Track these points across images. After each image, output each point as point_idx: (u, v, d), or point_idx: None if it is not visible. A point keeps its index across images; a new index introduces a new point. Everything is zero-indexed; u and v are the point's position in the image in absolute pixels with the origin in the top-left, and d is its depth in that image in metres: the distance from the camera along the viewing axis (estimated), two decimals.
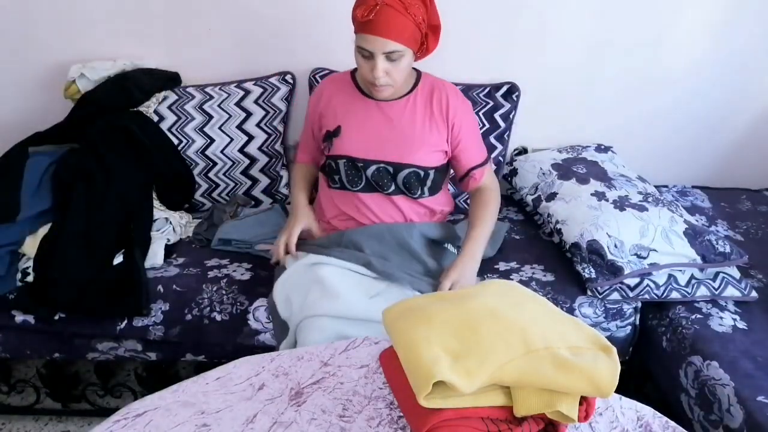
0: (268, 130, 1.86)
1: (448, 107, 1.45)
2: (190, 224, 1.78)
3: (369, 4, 1.23)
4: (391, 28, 1.25)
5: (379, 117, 1.45)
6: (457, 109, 1.46)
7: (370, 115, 1.45)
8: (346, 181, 1.49)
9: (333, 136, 1.48)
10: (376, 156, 1.44)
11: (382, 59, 1.29)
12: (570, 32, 1.91)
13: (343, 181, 1.49)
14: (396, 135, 1.43)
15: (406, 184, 1.46)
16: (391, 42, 1.26)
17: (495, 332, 0.79)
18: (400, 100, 1.44)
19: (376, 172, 1.45)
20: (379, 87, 1.35)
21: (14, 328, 1.51)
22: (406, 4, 1.24)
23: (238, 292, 1.51)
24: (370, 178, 1.46)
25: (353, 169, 1.47)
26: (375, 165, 1.45)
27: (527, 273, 1.60)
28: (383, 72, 1.30)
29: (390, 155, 1.43)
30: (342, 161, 1.47)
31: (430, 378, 0.73)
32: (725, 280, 1.52)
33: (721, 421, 1.26)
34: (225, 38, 1.90)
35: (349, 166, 1.47)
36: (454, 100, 1.46)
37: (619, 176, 1.80)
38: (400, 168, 1.44)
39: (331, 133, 1.48)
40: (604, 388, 0.76)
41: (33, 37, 1.88)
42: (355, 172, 1.47)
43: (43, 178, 1.61)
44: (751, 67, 1.99)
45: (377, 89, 1.36)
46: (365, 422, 0.82)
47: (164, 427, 0.81)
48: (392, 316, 0.88)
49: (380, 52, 1.28)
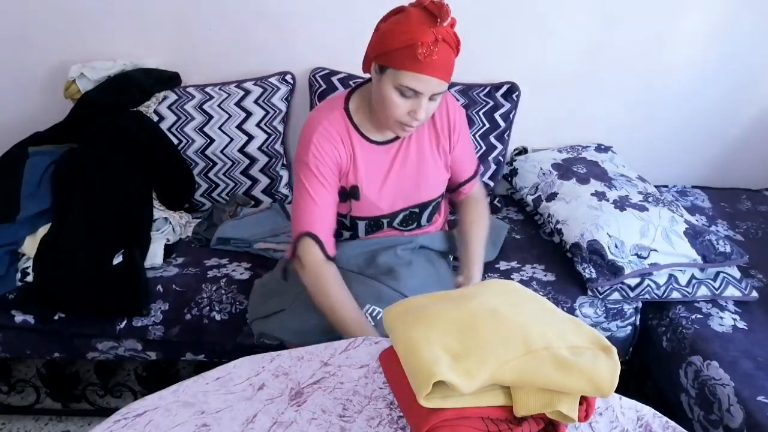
0: (268, 130, 1.86)
1: (455, 121, 1.31)
2: (189, 224, 1.78)
3: (427, 41, 1.04)
4: (447, 68, 1.10)
5: (387, 160, 1.28)
6: (456, 123, 1.32)
7: (380, 161, 1.27)
8: (361, 235, 1.36)
9: (350, 197, 1.28)
10: (402, 205, 1.32)
11: (427, 99, 1.11)
12: (570, 32, 1.91)
13: (357, 236, 1.36)
14: (412, 175, 1.29)
15: (429, 218, 1.37)
16: (444, 83, 1.10)
17: (495, 332, 0.79)
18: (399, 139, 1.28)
19: (403, 219, 1.35)
20: (411, 127, 1.17)
21: (14, 328, 1.51)
22: (457, 40, 1.11)
23: (237, 292, 1.51)
24: (397, 225, 1.35)
25: (374, 226, 1.34)
26: (402, 213, 1.33)
27: (528, 273, 1.60)
28: (426, 113, 1.13)
29: (414, 198, 1.31)
30: (363, 222, 1.33)
31: (430, 378, 0.73)
32: (725, 280, 1.52)
33: (721, 421, 1.26)
34: (225, 38, 1.90)
35: (371, 224, 1.34)
36: (456, 115, 1.32)
37: (619, 176, 1.80)
38: (426, 206, 1.34)
39: (348, 194, 1.28)
40: (604, 388, 0.76)
41: (33, 37, 1.88)
42: (377, 227, 1.35)
43: (43, 178, 1.61)
44: (751, 67, 1.99)
45: (407, 129, 1.17)
46: (365, 422, 0.82)
47: (164, 427, 0.81)
48: (393, 316, 0.88)
49: (430, 93, 1.10)
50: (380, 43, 1.10)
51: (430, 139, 1.30)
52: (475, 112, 1.89)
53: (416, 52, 1.04)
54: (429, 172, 1.30)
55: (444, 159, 1.33)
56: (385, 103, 1.13)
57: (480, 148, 1.89)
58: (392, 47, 1.07)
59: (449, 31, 1.08)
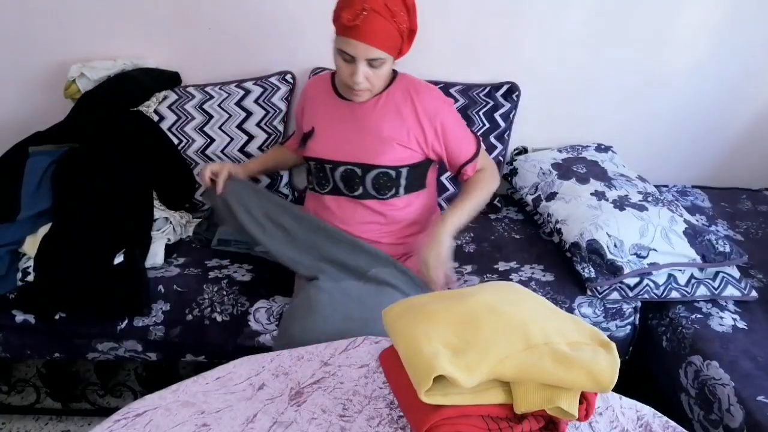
0: (268, 130, 1.86)
1: (435, 110, 1.40)
2: (190, 224, 1.78)
3: (355, 8, 1.20)
4: (377, 35, 1.23)
5: (350, 118, 1.42)
6: (438, 110, 1.40)
7: (341, 117, 1.43)
8: (315, 184, 1.49)
9: (307, 138, 1.47)
10: (345, 157, 1.41)
11: (364, 65, 1.27)
12: (570, 32, 1.91)
13: (313, 183, 1.50)
14: (364, 136, 1.40)
15: (375, 186, 1.42)
16: (375, 49, 1.24)
17: (495, 328, 0.79)
18: (370, 100, 1.40)
19: (344, 174, 1.42)
20: (357, 91, 1.33)
21: (14, 328, 1.51)
22: (392, 12, 1.22)
23: (238, 293, 1.51)
24: (338, 180, 1.43)
25: (321, 172, 1.46)
26: (343, 166, 1.42)
27: (527, 273, 1.60)
28: (364, 77, 1.29)
29: (359, 156, 1.40)
30: (312, 163, 1.47)
31: (430, 372, 0.73)
32: (725, 279, 1.52)
33: (721, 420, 1.26)
34: (225, 38, 1.90)
35: (318, 168, 1.46)
36: (436, 102, 1.41)
37: (619, 176, 1.80)
38: (369, 169, 1.40)
39: (306, 135, 1.47)
40: (604, 383, 0.76)
41: (33, 37, 1.88)
42: (323, 174, 1.46)
43: (43, 178, 1.61)
44: (751, 67, 1.99)
45: (355, 93, 1.34)
46: (365, 422, 0.83)
47: (164, 426, 0.81)
48: (392, 316, 0.88)
49: (363, 58, 1.26)
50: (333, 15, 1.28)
51: (396, 112, 1.39)
52: (475, 112, 1.89)
53: (343, 18, 1.22)
54: (382, 138, 1.39)
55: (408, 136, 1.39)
56: (336, 68, 1.33)
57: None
58: (334, 17, 1.27)
59: (378, 1, 1.21)
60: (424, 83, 1.45)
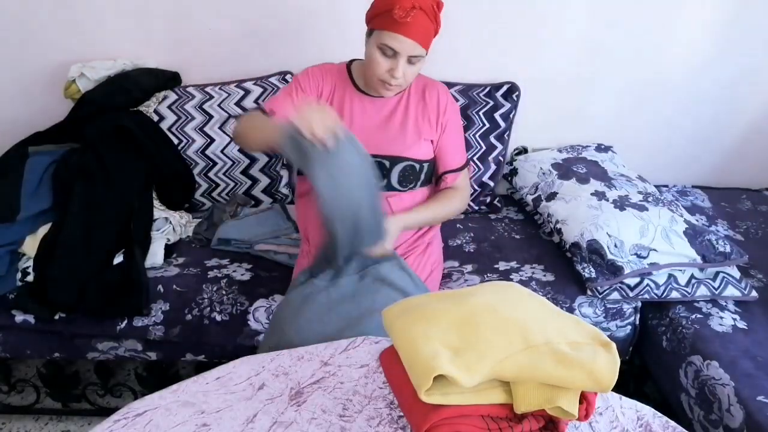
0: None
1: (446, 107, 1.44)
2: (190, 224, 1.78)
3: (406, 5, 1.22)
4: (423, 32, 1.26)
5: (373, 112, 1.43)
6: (448, 108, 1.45)
7: (364, 110, 1.42)
8: None
9: None
10: (373, 150, 1.37)
11: (404, 60, 1.28)
12: (570, 32, 1.91)
13: None
14: (392, 129, 1.42)
15: (401, 178, 1.43)
16: (419, 46, 1.27)
17: (494, 328, 0.79)
18: (394, 96, 1.43)
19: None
20: (392, 86, 1.33)
21: (14, 328, 1.51)
22: (435, 12, 1.27)
23: (238, 293, 1.51)
24: None
25: None
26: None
27: (527, 273, 1.60)
28: (403, 73, 1.30)
29: (387, 149, 1.41)
30: None
31: (430, 371, 0.73)
32: (725, 279, 1.52)
33: (721, 420, 1.26)
34: (225, 38, 1.90)
35: None
36: (448, 101, 1.46)
37: (619, 176, 1.80)
38: (397, 161, 1.41)
39: None
40: (604, 382, 0.76)
41: (33, 37, 1.88)
42: None
43: (43, 178, 1.61)
44: (751, 68, 1.99)
45: (388, 88, 1.34)
46: (365, 422, 0.82)
47: (164, 426, 0.81)
48: (392, 316, 0.88)
49: (406, 54, 1.27)
50: (370, 10, 1.30)
51: (417, 108, 1.43)
52: (475, 112, 1.89)
53: (394, 14, 1.22)
54: (408, 132, 1.41)
55: (429, 131, 1.43)
56: (370, 62, 1.31)
57: (480, 148, 1.89)
58: (377, 12, 1.27)
59: (426, 1, 1.24)
60: (438, 81, 1.49)
